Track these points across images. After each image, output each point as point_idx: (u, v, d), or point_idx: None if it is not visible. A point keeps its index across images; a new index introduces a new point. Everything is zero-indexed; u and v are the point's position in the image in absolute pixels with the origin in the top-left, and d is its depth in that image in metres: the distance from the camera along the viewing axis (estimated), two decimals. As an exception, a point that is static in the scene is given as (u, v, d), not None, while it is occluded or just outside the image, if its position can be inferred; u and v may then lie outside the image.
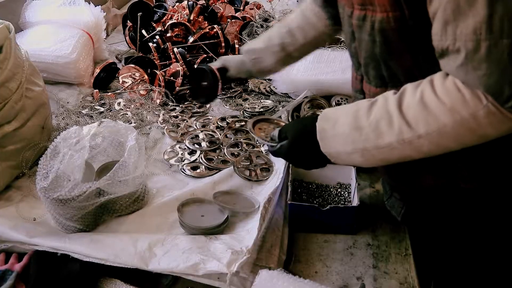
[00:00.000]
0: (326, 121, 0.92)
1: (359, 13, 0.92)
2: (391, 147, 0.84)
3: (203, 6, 2.17)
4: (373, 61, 0.96)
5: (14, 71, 1.24)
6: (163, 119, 1.50)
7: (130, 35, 2.01)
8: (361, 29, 0.94)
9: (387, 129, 0.83)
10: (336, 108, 0.96)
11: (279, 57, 1.36)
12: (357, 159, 0.89)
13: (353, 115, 0.88)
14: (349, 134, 0.88)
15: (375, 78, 0.98)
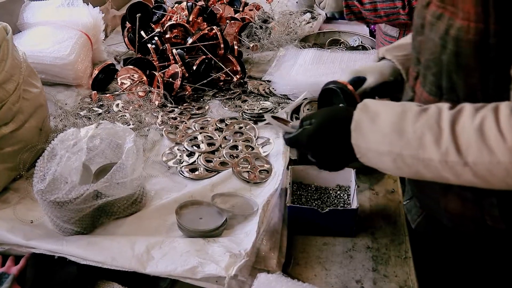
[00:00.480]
0: (365, 112, 0.85)
1: (436, 9, 0.84)
2: (430, 164, 0.77)
3: (202, 7, 2.16)
4: (435, 67, 0.87)
5: (11, 72, 1.24)
6: (162, 120, 1.49)
7: (129, 36, 2.00)
8: (432, 27, 0.86)
9: (432, 144, 0.76)
10: (379, 102, 0.87)
11: None
12: (386, 162, 0.83)
13: (398, 116, 0.81)
14: (388, 133, 0.81)
15: (431, 84, 0.90)
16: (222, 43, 1.81)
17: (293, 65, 1.74)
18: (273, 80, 1.67)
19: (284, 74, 1.68)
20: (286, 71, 1.70)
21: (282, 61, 1.80)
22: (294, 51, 1.85)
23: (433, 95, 0.90)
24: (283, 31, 2.12)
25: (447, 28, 0.81)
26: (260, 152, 1.34)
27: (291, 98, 1.60)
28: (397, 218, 1.16)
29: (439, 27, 0.84)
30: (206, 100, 1.65)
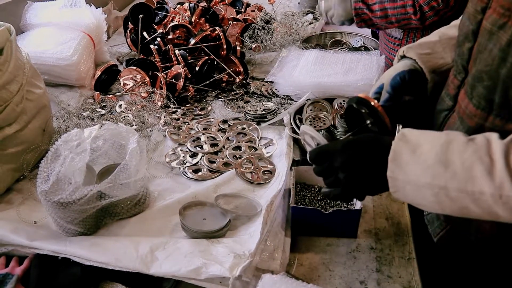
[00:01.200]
0: (405, 143, 0.78)
1: (498, 17, 0.78)
2: (480, 198, 0.71)
3: (205, 8, 2.16)
4: (489, 80, 0.81)
5: (15, 73, 1.24)
6: (165, 121, 1.49)
7: (131, 37, 2.00)
8: (492, 36, 0.80)
9: (483, 176, 0.71)
10: (418, 132, 0.81)
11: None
12: (427, 196, 0.77)
13: (443, 146, 0.75)
14: (431, 165, 0.75)
15: (480, 97, 0.84)
16: (225, 44, 1.81)
17: (296, 66, 1.74)
18: (275, 81, 1.67)
19: (287, 75, 1.68)
20: (289, 72, 1.70)
21: (285, 62, 1.79)
22: (297, 52, 1.85)
23: (480, 109, 0.85)
24: (285, 32, 2.12)
25: (511, 39, 0.75)
26: (263, 153, 1.34)
27: (294, 99, 1.60)
28: (400, 219, 1.16)
29: (500, 38, 0.78)
30: (208, 101, 1.65)
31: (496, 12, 0.79)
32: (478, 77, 0.84)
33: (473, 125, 0.88)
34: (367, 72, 1.62)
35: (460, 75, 0.94)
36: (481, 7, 0.84)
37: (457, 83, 0.95)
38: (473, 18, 0.88)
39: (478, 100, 0.85)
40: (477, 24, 0.86)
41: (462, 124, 0.92)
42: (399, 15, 1.65)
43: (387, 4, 1.65)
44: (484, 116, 0.83)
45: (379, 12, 1.67)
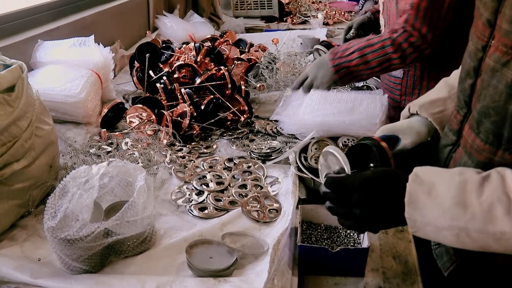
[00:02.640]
0: (419, 185, 0.79)
1: (501, 55, 0.80)
2: (502, 237, 0.72)
3: (210, 48, 2.21)
4: (496, 116, 0.82)
5: (25, 109, 1.25)
6: (170, 159, 1.50)
7: (137, 75, 2.04)
8: (495, 73, 0.82)
9: (504, 217, 0.71)
10: (431, 170, 0.82)
11: None
12: (447, 236, 0.77)
13: (458, 187, 0.76)
14: (449, 208, 0.75)
15: (488, 132, 0.85)
16: (230, 83, 1.83)
17: (300, 105, 1.76)
18: (280, 119, 1.69)
19: (291, 114, 1.70)
20: (293, 111, 1.72)
21: (289, 101, 1.82)
22: (300, 92, 1.88)
23: (489, 144, 0.86)
24: (288, 71, 2.16)
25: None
26: (269, 191, 1.34)
27: (299, 138, 1.61)
28: (408, 258, 1.15)
29: (505, 75, 0.79)
30: (214, 139, 1.66)
31: (498, 50, 0.81)
32: (485, 113, 0.86)
33: (482, 160, 0.89)
34: (370, 111, 1.64)
35: (462, 110, 0.96)
36: (481, 45, 0.87)
37: (460, 118, 0.97)
38: (474, 55, 0.91)
39: (486, 135, 0.87)
40: (478, 61, 0.89)
41: (470, 158, 0.92)
42: (379, 57, 1.68)
43: (366, 49, 1.68)
44: (493, 151, 0.84)
45: (358, 59, 1.70)
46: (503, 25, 0.80)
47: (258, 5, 3.89)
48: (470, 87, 0.92)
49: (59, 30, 2.12)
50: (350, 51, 1.72)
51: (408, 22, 1.63)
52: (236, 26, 3.50)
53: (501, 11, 0.82)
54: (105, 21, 2.49)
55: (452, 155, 1.01)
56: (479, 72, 0.89)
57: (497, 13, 0.84)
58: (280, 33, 3.02)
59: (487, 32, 0.87)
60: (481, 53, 0.88)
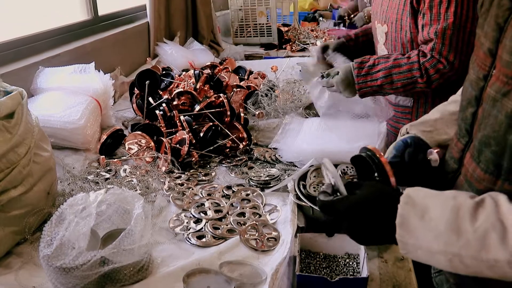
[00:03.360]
0: (411, 207, 0.78)
1: (502, 85, 0.80)
2: (495, 265, 0.71)
3: (209, 75, 2.22)
4: (497, 146, 0.82)
5: (24, 136, 1.25)
6: (169, 186, 1.49)
7: (137, 102, 2.05)
8: (496, 103, 0.82)
9: (497, 244, 0.70)
10: (424, 193, 0.80)
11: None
12: (440, 261, 0.76)
13: (452, 212, 0.75)
14: (443, 233, 0.75)
15: (488, 162, 0.85)
16: (229, 111, 1.84)
17: (299, 133, 1.77)
18: (279, 147, 1.69)
19: (290, 141, 1.71)
20: (292, 138, 1.73)
21: (288, 129, 1.82)
22: (299, 119, 1.89)
23: (489, 173, 0.86)
24: (287, 98, 2.17)
25: None
26: (268, 219, 1.33)
27: (298, 165, 1.61)
28: (408, 287, 1.13)
29: (505, 105, 0.79)
30: (212, 166, 1.66)
31: (499, 81, 0.82)
32: (485, 142, 0.86)
33: (482, 189, 0.88)
34: (369, 138, 1.64)
35: (463, 139, 0.96)
36: (483, 74, 0.88)
37: (461, 146, 0.97)
38: (475, 84, 0.91)
39: (486, 164, 0.86)
40: (479, 90, 0.89)
41: (470, 187, 0.92)
42: (405, 79, 1.69)
43: (393, 70, 1.69)
44: (492, 181, 0.84)
45: (383, 79, 1.71)
46: (504, 56, 0.81)
47: (257, 33, 3.94)
48: (472, 116, 0.92)
49: (60, 57, 2.14)
50: (376, 69, 1.73)
51: (435, 50, 1.64)
52: (235, 53, 3.53)
53: (502, 41, 0.83)
54: (106, 48, 2.51)
55: (454, 183, 1.01)
56: (480, 101, 0.89)
57: (498, 43, 0.85)
58: (279, 61, 3.05)
59: (488, 61, 0.88)
60: (482, 82, 0.88)
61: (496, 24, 0.85)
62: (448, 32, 1.62)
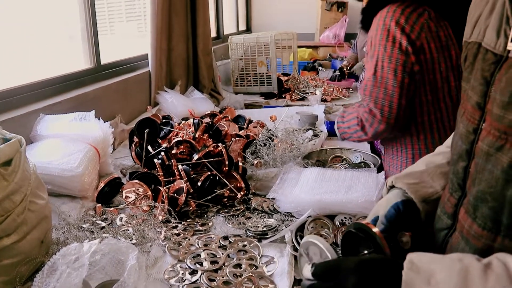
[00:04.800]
0: (416, 273, 0.75)
1: (494, 140, 0.79)
2: None
3: (208, 124, 2.24)
4: (494, 201, 0.80)
5: (20, 183, 1.25)
6: (165, 236, 1.47)
7: (136, 150, 2.05)
8: (489, 158, 0.81)
9: None
10: (427, 257, 0.78)
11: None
12: None
13: (460, 275, 0.72)
14: None
15: (486, 218, 0.83)
16: (227, 160, 1.84)
17: (297, 183, 1.76)
18: (277, 197, 1.68)
19: (288, 191, 1.70)
20: (290, 188, 1.72)
21: (286, 179, 1.82)
22: (297, 169, 1.89)
23: (487, 230, 0.84)
24: (286, 148, 2.18)
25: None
26: (264, 271, 1.31)
27: (295, 216, 1.60)
28: None
29: (500, 160, 0.78)
30: (210, 216, 1.64)
31: (491, 135, 0.81)
32: (482, 198, 0.84)
33: (480, 246, 0.86)
34: (367, 189, 1.64)
35: (456, 193, 0.95)
36: (472, 128, 0.87)
37: (454, 201, 0.95)
38: (465, 138, 0.91)
39: (483, 221, 0.84)
40: (470, 144, 0.89)
41: (468, 244, 0.90)
42: (354, 132, 1.96)
43: (346, 129, 2.01)
44: (492, 237, 0.82)
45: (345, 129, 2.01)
46: (494, 110, 0.81)
47: (257, 82, 3.99)
48: (463, 170, 0.91)
49: (62, 104, 2.16)
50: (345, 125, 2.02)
51: (365, 100, 1.85)
52: (235, 102, 3.57)
53: (490, 95, 0.84)
54: (107, 96, 2.54)
55: (449, 239, 0.98)
56: (471, 155, 0.88)
57: (486, 96, 0.85)
58: (278, 110, 3.08)
59: (477, 114, 0.88)
60: (472, 136, 0.88)
61: (483, 78, 0.86)
62: (368, 84, 1.82)
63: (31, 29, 2.32)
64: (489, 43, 0.85)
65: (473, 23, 0.93)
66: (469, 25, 0.95)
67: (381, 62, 1.78)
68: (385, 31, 1.76)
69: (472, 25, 0.94)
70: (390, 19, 1.76)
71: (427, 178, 1.14)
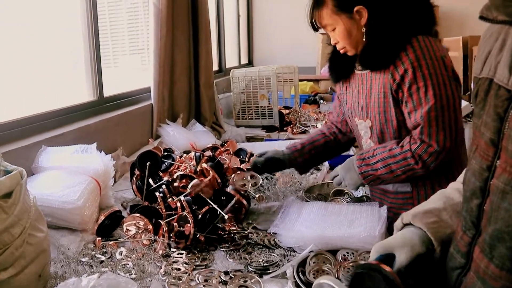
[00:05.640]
0: None
1: (510, 177, 0.77)
2: None
3: (210, 157, 2.24)
4: (511, 240, 0.78)
5: (20, 216, 1.24)
6: (165, 271, 1.45)
7: (137, 183, 2.04)
8: (505, 195, 0.79)
9: None
10: None
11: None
12: None
13: None
14: None
15: (504, 258, 0.81)
16: (228, 194, 1.83)
17: (298, 217, 1.75)
18: (278, 232, 1.66)
19: (289, 226, 1.68)
20: (291, 223, 1.71)
21: (287, 213, 1.80)
22: (299, 204, 1.88)
23: (506, 270, 0.81)
24: (287, 182, 2.17)
25: None
26: (266, 307, 1.29)
27: (297, 251, 1.58)
28: None
29: None
30: (211, 251, 1.62)
31: (507, 172, 0.79)
32: (499, 237, 0.82)
33: (499, 287, 0.84)
34: (370, 223, 1.62)
35: (470, 232, 0.92)
36: (486, 165, 0.86)
37: (468, 239, 0.93)
38: (479, 175, 0.89)
39: (501, 261, 0.82)
40: (484, 181, 0.87)
41: (484, 285, 0.87)
42: (403, 167, 1.72)
43: (389, 160, 1.72)
44: (511, 278, 0.79)
45: (383, 169, 1.75)
46: (510, 147, 0.80)
47: (259, 115, 4.01)
48: (477, 208, 0.89)
49: (64, 136, 2.17)
50: (375, 160, 1.77)
51: (424, 134, 1.67)
52: (237, 135, 3.58)
53: (504, 132, 0.82)
54: (109, 128, 2.55)
55: (462, 279, 0.96)
56: (486, 192, 0.86)
57: (500, 133, 0.84)
58: (280, 143, 3.08)
59: (491, 151, 0.86)
60: (486, 173, 0.86)
61: (496, 114, 0.85)
62: (432, 114, 1.65)
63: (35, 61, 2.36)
64: (501, 79, 0.85)
65: (483, 59, 0.93)
66: (479, 62, 0.95)
67: (438, 90, 1.66)
68: (435, 61, 1.67)
69: (482, 61, 0.94)
70: (434, 49, 1.69)
71: (445, 217, 1.11)
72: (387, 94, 1.77)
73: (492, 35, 0.93)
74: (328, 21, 1.83)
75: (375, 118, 1.85)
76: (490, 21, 0.87)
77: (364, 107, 1.89)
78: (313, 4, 1.85)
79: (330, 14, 1.81)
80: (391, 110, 1.78)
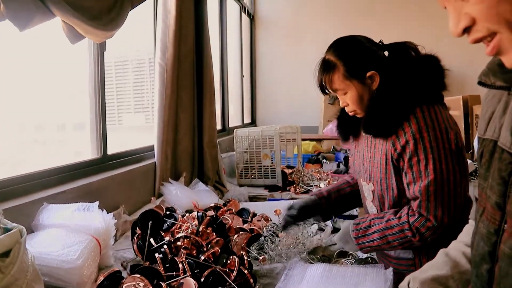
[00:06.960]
0: None
1: None
2: None
3: (212, 217, 2.21)
4: None
5: (16, 276, 1.21)
6: (164, 336, 1.40)
7: (138, 243, 2.01)
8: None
9: None
10: None
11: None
12: None
13: None
14: None
15: None
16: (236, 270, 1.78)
17: (302, 280, 1.70)
18: (282, 293, 1.62)
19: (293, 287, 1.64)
20: (295, 286, 1.66)
21: (291, 275, 1.76)
22: (303, 265, 1.83)
23: None
24: (291, 243, 2.13)
25: None
26: None
27: (301, 316, 1.53)
28: None
29: None
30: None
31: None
32: None
33: None
34: (375, 286, 1.58)
35: None
36: (494, 229, 0.85)
37: None
38: (487, 239, 0.87)
39: None
40: (492, 245, 0.85)
41: None
42: (400, 239, 1.70)
43: (386, 232, 1.72)
44: None
45: (379, 240, 1.74)
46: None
47: (262, 175, 4.01)
48: (488, 273, 0.87)
49: (66, 194, 2.16)
50: (371, 231, 1.76)
51: (422, 208, 1.65)
52: (240, 194, 3.56)
53: (510, 195, 0.81)
54: (112, 186, 2.54)
55: None
56: (495, 257, 0.85)
57: (505, 197, 0.83)
58: (283, 203, 3.04)
59: (497, 215, 0.85)
60: (494, 237, 0.85)
61: (501, 178, 0.84)
62: (431, 189, 1.63)
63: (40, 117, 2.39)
64: (505, 142, 0.85)
65: (486, 120, 0.93)
66: (483, 122, 0.95)
67: (439, 165, 1.63)
68: (438, 133, 1.65)
69: (486, 121, 0.94)
70: (438, 121, 1.67)
71: (453, 285, 1.10)
72: (389, 162, 1.76)
73: (494, 96, 0.93)
74: (340, 86, 1.82)
75: (377, 183, 1.84)
76: (488, 86, 0.88)
77: (368, 170, 1.88)
78: (323, 68, 1.84)
79: (342, 79, 1.80)
80: (392, 178, 1.77)
